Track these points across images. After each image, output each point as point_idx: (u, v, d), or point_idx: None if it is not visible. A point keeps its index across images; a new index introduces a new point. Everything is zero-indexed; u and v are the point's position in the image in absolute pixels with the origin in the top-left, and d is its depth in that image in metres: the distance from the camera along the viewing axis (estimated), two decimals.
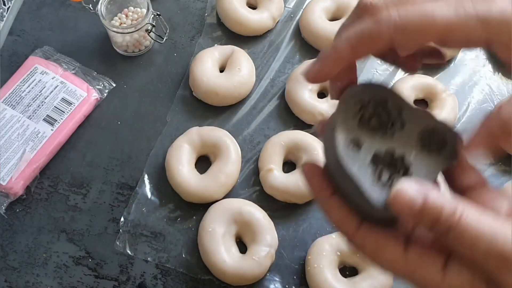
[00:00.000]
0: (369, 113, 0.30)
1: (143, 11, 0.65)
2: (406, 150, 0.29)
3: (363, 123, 0.29)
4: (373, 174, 0.28)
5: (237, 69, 0.61)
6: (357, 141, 0.29)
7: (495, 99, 0.63)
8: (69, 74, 0.61)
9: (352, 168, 0.27)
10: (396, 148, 0.29)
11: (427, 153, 0.29)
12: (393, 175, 0.28)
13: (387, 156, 0.29)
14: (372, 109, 0.30)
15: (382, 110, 0.30)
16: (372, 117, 0.30)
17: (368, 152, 0.28)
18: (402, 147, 0.29)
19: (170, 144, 0.58)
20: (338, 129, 0.28)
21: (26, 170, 0.56)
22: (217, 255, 0.51)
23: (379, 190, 0.27)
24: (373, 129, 0.29)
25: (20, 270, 0.53)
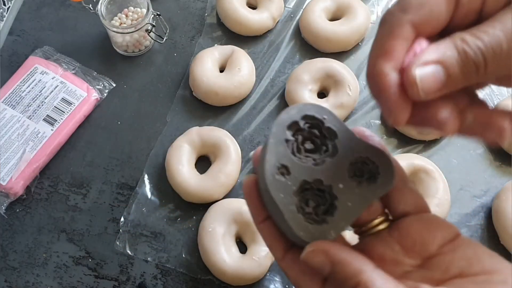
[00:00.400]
0: (304, 136, 0.29)
1: (143, 11, 0.65)
2: (334, 180, 0.28)
3: (297, 147, 0.29)
4: (299, 203, 0.27)
5: (237, 69, 0.61)
6: (286, 168, 0.28)
7: (495, 99, 0.63)
8: (69, 74, 0.61)
9: (277, 196, 0.27)
10: (325, 178, 0.28)
11: (357, 184, 0.28)
12: (320, 204, 0.28)
13: (315, 185, 0.28)
14: (308, 132, 0.29)
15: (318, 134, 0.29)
16: (306, 140, 0.29)
17: (295, 181, 0.28)
18: (331, 177, 0.28)
19: (170, 144, 0.58)
20: (269, 153, 0.28)
21: (26, 170, 0.56)
22: (217, 255, 0.51)
23: (302, 220, 0.27)
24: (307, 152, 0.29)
25: (20, 270, 0.53)
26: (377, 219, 0.29)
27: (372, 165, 0.28)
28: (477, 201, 0.57)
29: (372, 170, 0.28)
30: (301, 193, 0.28)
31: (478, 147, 0.61)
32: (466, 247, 0.26)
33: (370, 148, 0.28)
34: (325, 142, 0.29)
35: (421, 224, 0.28)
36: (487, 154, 0.60)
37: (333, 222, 0.27)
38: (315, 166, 0.28)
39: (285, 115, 0.29)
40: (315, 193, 0.28)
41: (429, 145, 0.60)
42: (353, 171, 0.28)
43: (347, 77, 0.60)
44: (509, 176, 0.59)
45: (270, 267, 0.52)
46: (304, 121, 0.29)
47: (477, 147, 0.60)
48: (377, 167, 0.28)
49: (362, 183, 0.28)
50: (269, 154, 0.28)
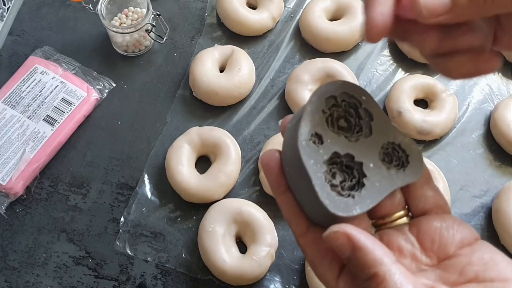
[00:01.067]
0: (339, 113, 0.29)
1: (143, 11, 0.65)
2: (365, 159, 0.28)
3: (331, 121, 0.29)
4: (327, 173, 0.27)
5: (237, 69, 0.61)
6: (319, 137, 0.28)
7: (495, 99, 0.64)
8: (69, 74, 0.61)
9: (307, 162, 0.27)
10: (357, 154, 0.28)
11: (386, 168, 0.28)
12: (346, 180, 0.28)
13: (346, 159, 0.28)
14: (343, 110, 0.29)
15: (353, 114, 0.29)
16: (340, 117, 0.29)
17: (327, 150, 0.28)
18: (363, 155, 0.28)
19: (170, 144, 0.58)
20: (304, 120, 0.28)
21: (26, 170, 0.56)
22: (217, 255, 0.51)
23: (328, 190, 0.27)
24: (339, 130, 0.29)
25: (20, 270, 0.53)
26: (398, 213, 0.29)
27: (403, 153, 0.28)
28: (477, 201, 0.57)
29: (402, 158, 0.28)
30: (329, 165, 0.28)
31: (478, 147, 0.61)
32: (484, 251, 0.26)
33: (403, 136, 0.29)
34: (359, 122, 0.29)
35: (441, 224, 0.27)
36: (487, 154, 0.60)
37: (359, 199, 0.27)
38: (349, 142, 0.28)
39: (325, 87, 0.29)
40: (343, 169, 0.28)
41: (429, 145, 0.60)
42: (383, 156, 0.28)
43: (347, 77, 0.60)
44: (509, 176, 0.59)
45: (270, 267, 0.52)
46: (342, 98, 0.29)
47: (477, 147, 0.60)
48: (407, 156, 0.28)
49: (391, 169, 0.28)
50: (305, 120, 0.27)
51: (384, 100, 0.63)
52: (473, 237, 0.27)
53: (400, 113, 0.59)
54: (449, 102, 0.60)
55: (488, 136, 0.61)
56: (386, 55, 0.66)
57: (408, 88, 0.61)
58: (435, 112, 0.59)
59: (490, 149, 0.60)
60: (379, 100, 0.63)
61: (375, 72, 0.65)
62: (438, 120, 0.59)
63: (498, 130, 0.59)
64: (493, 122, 0.60)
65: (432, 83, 0.61)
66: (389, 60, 0.66)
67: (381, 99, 0.63)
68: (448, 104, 0.60)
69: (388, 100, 0.61)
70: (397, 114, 0.59)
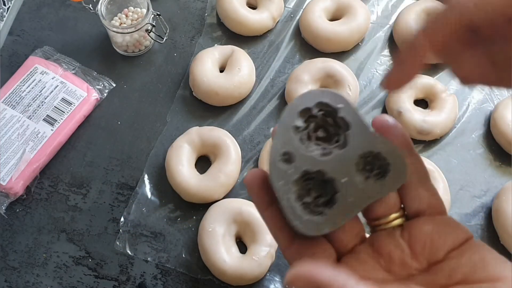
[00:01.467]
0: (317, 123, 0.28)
1: (143, 11, 0.65)
2: (339, 173, 0.27)
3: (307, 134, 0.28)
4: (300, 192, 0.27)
5: (237, 69, 0.61)
6: (290, 155, 0.27)
7: (495, 99, 0.64)
8: (69, 74, 0.61)
9: (277, 183, 0.26)
10: (330, 169, 0.27)
11: (364, 179, 0.27)
12: (322, 195, 0.27)
13: (318, 176, 0.27)
14: (321, 119, 0.28)
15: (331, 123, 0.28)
16: (319, 128, 0.28)
17: (297, 170, 0.27)
18: (336, 170, 0.27)
19: (170, 144, 0.58)
20: (276, 139, 0.27)
21: (26, 170, 0.56)
22: (217, 255, 0.51)
23: (298, 210, 0.26)
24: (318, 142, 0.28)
25: (20, 270, 0.53)
26: (393, 214, 0.28)
27: (384, 161, 0.27)
28: (477, 201, 0.57)
29: (383, 166, 0.27)
30: (304, 182, 0.27)
31: (478, 147, 0.61)
32: (473, 252, 0.26)
33: (384, 143, 0.27)
34: (338, 131, 0.28)
35: (433, 228, 0.27)
36: (487, 154, 0.60)
37: (330, 216, 0.26)
38: (322, 156, 0.27)
39: (298, 100, 0.28)
40: (319, 183, 0.27)
41: (429, 145, 0.60)
42: (363, 165, 0.27)
43: (347, 77, 0.60)
44: (509, 176, 0.59)
45: (270, 267, 0.52)
46: (318, 108, 0.28)
47: (477, 147, 0.60)
48: (388, 164, 0.27)
49: (370, 178, 0.27)
50: (277, 138, 0.27)
51: (384, 100, 0.63)
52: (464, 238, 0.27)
53: (400, 113, 0.59)
54: (449, 102, 0.60)
55: (488, 136, 0.61)
56: (386, 55, 0.66)
57: (408, 88, 0.61)
58: (435, 112, 0.59)
59: (490, 149, 0.60)
60: (379, 100, 0.63)
61: (375, 72, 0.65)
62: (438, 120, 0.59)
63: (498, 130, 0.59)
64: (493, 122, 0.60)
65: (432, 83, 0.61)
66: (389, 60, 0.66)
67: (381, 99, 0.63)
68: (448, 104, 0.60)
69: (388, 100, 0.61)
70: (397, 114, 0.59)
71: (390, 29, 0.68)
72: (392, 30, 0.67)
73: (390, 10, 0.70)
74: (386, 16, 0.69)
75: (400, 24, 0.65)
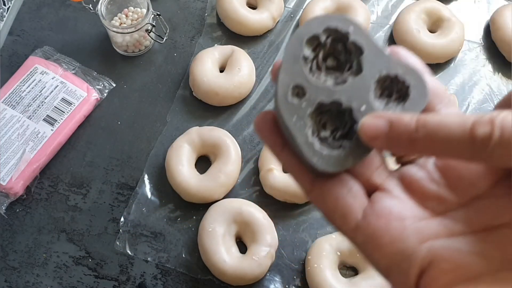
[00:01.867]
0: (326, 52, 0.26)
1: (143, 11, 0.65)
2: (356, 102, 0.25)
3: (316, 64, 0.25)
4: (316, 125, 0.25)
5: (237, 69, 0.61)
6: (301, 88, 0.25)
7: (495, 99, 0.63)
8: (69, 74, 0.61)
9: (289, 120, 0.24)
10: (346, 99, 0.25)
11: (384, 105, 0.25)
12: (339, 128, 0.25)
13: (333, 108, 0.25)
14: (330, 47, 0.26)
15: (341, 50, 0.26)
16: (328, 56, 0.26)
17: (311, 103, 0.25)
18: (353, 98, 0.25)
19: (170, 144, 0.58)
20: (282, 72, 0.25)
21: (26, 170, 0.56)
22: (217, 255, 0.51)
23: (316, 146, 0.24)
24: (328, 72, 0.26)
25: (20, 270, 0.53)
26: None
27: (402, 84, 0.25)
28: None
29: (402, 89, 0.25)
30: (318, 116, 0.25)
31: None
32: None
33: (401, 65, 0.25)
34: (350, 58, 0.26)
35: None
36: None
37: (351, 148, 0.24)
38: (336, 85, 0.25)
39: (304, 28, 0.25)
40: (334, 115, 0.25)
41: None
42: (380, 91, 0.25)
43: None
44: None
45: (270, 267, 0.52)
46: (326, 34, 0.25)
47: None
48: (408, 87, 0.25)
49: (389, 104, 0.25)
50: (283, 72, 0.25)
51: None
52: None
53: None
54: None
55: None
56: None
57: None
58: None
59: None
60: None
61: None
62: None
63: None
64: None
65: None
66: None
67: None
68: None
69: None
70: None
71: (390, 29, 0.68)
72: (392, 30, 0.67)
73: (390, 10, 0.70)
74: (386, 16, 0.69)
75: (400, 24, 0.65)
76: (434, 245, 0.22)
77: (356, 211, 0.24)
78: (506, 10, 0.67)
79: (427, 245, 0.22)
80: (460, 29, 0.65)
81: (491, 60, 0.67)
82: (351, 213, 0.24)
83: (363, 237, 0.24)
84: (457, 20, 0.65)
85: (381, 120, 0.22)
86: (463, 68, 0.66)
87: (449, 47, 0.64)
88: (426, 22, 0.66)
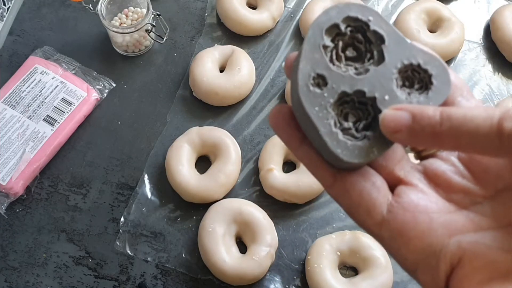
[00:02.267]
0: (345, 42, 0.25)
1: (143, 11, 0.65)
2: (379, 92, 0.24)
3: (336, 54, 0.25)
4: (338, 116, 0.24)
5: (237, 69, 0.61)
6: (322, 77, 0.24)
7: (495, 99, 0.63)
8: (69, 74, 0.61)
9: (311, 110, 0.24)
10: (369, 88, 0.24)
11: (407, 95, 0.24)
12: (361, 119, 0.24)
13: (356, 97, 0.24)
14: (350, 37, 0.25)
15: (362, 39, 0.25)
16: (348, 46, 0.25)
17: (333, 92, 0.24)
18: (376, 87, 0.24)
19: (170, 144, 0.58)
20: (302, 61, 0.24)
21: (26, 170, 0.56)
22: (217, 255, 0.51)
23: (339, 136, 0.24)
24: (348, 62, 0.25)
25: (20, 270, 0.53)
26: None
27: (425, 73, 0.24)
28: None
29: (424, 79, 0.24)
30: (340, 106, 0.24)
31: None
32: None
33: (423, 54, 0.25)
34: (370, 48, 0.25)
35: None
36: None
37: (375, 139, 0.24)
38: (357, 75, 0.25)
39: (323, 16, 0.25)
40: (356, 106, 0.25)
41: None
42: (402, 80, 0.25)
43: None
44: None
45: (270, 267, 0.52)
46: (345, 24, 0.25)
47: None
48: (430, 75, 0.24)
49: (412, 94, 0.24)
50: (303, 62, 0.24)
51: None
52: None
53: None
54: None
55: None
56: None
57: None
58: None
59: None
60: None
61: None
62: None
63: None
64: None
65: None
66: None
67: None
68: None
69: None
70: None
71: None
72: None
73: (390, 10, 0.70)
74: (386, 16, 0.69)
75: (400, 24, 0.65)
76: (463, 240, 0.22)
77: (381, 205, 0.24)
78: (506, 10, 0.67)
79: (456, 240, 0.22)
80: (460, 29, 0.65)
81: (491, 60, 0.67)
82: (376, 207, 0.24)
83: (389, 232, 0.24)
84: (457, 20, 0.65)
85: (403, 113, 0.22)
86: (463, 68, 0.66)
87: (449, 47, 0.64)
88: (426, 22, 0.66)
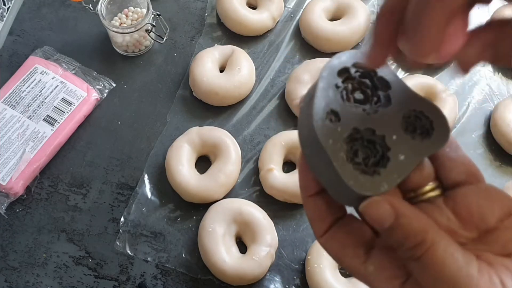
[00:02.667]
0: (354, 85, 0.27)
1: (143, 11, 0.65)
2: (388, 131, 0.26)
3: (346, 95, 0.27)
4: (349, 151, 0.26)
5: (237, 69, 0.61)
6: (336, 113, 0.26)
7: (495, 99, 0.64)
8: (69, 74, 0.61)
9: (326, 142, 0.25)
10: (378, 127, 0.26)
11: (411, 138, 0.26)
12: (370, 156, 0.26)
13: (367, 134, 0.26)
14: (358, 81, 0.27)
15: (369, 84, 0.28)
16: (356, 90, 0.27)
17: (346, 127, 0.26)
18: (384, 127, 0.26)
19: (170, 144, 0.58)
20: (317, 97, 0.26)
21: (26, 170, 0.56)
22: (217, 255, 0.51)
23: (352, 169, 0.25)
24: (356, 103, 0.27)
25: (20, 270, 0.53)
26: (429, 185, 0.27)
27: (426, 120, 0.26)
28: None
29: (426, 125, 0.26)
30: (350, 142, 0.26)
31: (478, 147, 0.61)
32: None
33: (424, 102, 0.27)
34: (376, 93, 0.27)
35: (478, 195, 0.25)
36: (487, 154, 0.60)
37: (385, 174, 0.25)
38: (367, 115, 0.27)
39: (336, 60, 0.27)
40: (365, 144, 0.26)
41: None
42: (406, 125, 0.27)
43: None
44: (509, 176, 0.59)
45: (270, 267, 0.52)
46: (355, 69, 0.27)
47: (477, 147, 0.60)
48: (431, 122, 0.26)
49: (415, 138, 0.26)
50: (318, 98, 0.26)
51: None
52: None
53: None
54: (449, 102, 0.60)
55: (488, 136, 0.61)
56: None
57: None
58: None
59: (490, 149, 0.60)
60: None
61: None
62: None
63: (498, 130, 0.59)
64: (493, 122, 0.60)
65: (432, 83, 0.61)
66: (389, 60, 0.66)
67: None
68: (448, 104, 0.60)
69: None
70: None
71: None
72: None
73: None
74: None
75: None
76: None
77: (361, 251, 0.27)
78: (506, 10, 0.67)
79: None
80: None
81: None
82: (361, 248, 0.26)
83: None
84: None
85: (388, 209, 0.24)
86: None
87: None
88: None
